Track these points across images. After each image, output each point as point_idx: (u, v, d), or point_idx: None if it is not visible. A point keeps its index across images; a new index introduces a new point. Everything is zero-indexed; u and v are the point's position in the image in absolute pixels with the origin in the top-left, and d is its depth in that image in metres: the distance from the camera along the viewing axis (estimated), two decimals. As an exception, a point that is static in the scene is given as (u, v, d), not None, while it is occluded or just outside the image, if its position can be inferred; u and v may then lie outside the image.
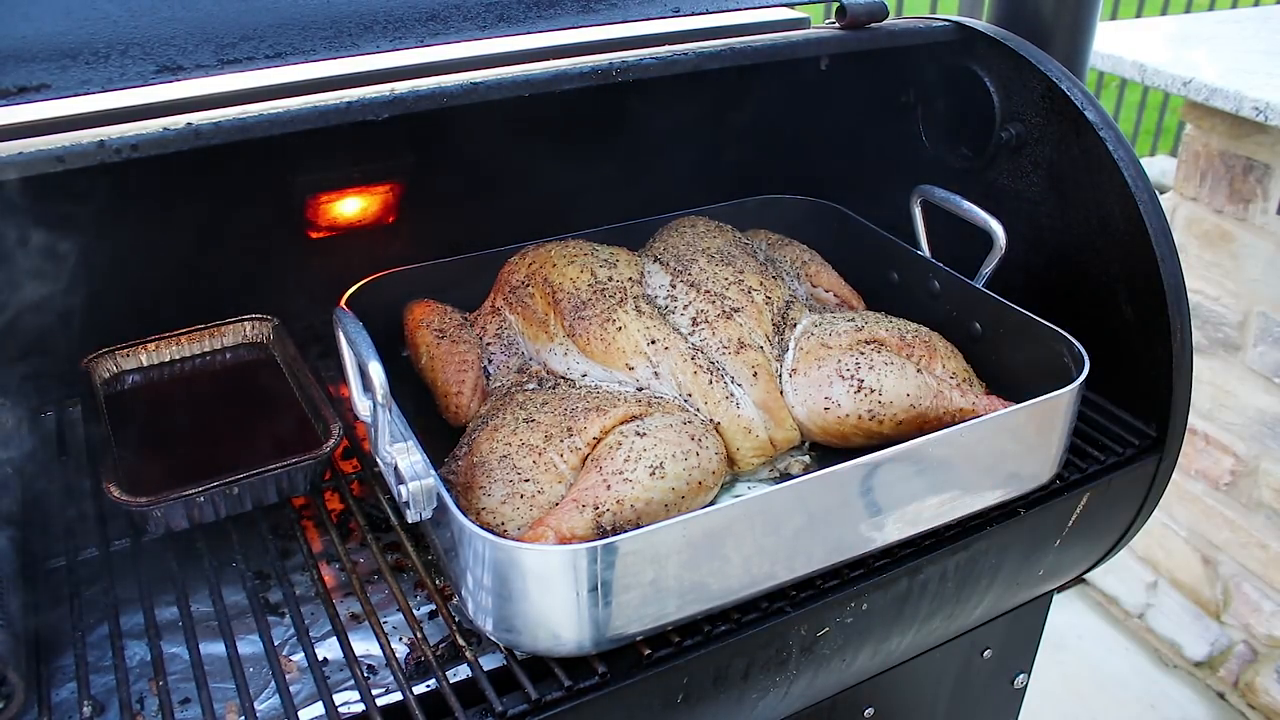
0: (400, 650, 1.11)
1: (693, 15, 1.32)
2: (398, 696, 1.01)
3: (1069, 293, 1.42)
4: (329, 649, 1.10)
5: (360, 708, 1.00)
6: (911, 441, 1.09)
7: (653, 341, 1.29)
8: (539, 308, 1.37)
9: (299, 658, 1.10)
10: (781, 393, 1.30)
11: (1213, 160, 2.61)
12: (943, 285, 1.46)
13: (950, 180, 1.48)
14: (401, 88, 1.08)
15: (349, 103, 1.05)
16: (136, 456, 1.25)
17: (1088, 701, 2.84)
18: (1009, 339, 1.35)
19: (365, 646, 1.10)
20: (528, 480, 1.12)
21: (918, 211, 1.49)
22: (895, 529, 1.14)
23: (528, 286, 1.40)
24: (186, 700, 1.04)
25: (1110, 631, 3.08)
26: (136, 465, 1.23)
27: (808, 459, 1.32)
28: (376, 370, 1.00)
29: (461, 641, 1.07)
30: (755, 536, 1.03)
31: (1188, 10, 5.04)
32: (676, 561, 0.98)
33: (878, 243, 1.57)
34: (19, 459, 1.27)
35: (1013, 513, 1.25)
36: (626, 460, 1.10)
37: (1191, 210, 2.69)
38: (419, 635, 1.08)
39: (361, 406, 1.07)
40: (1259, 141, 2.48)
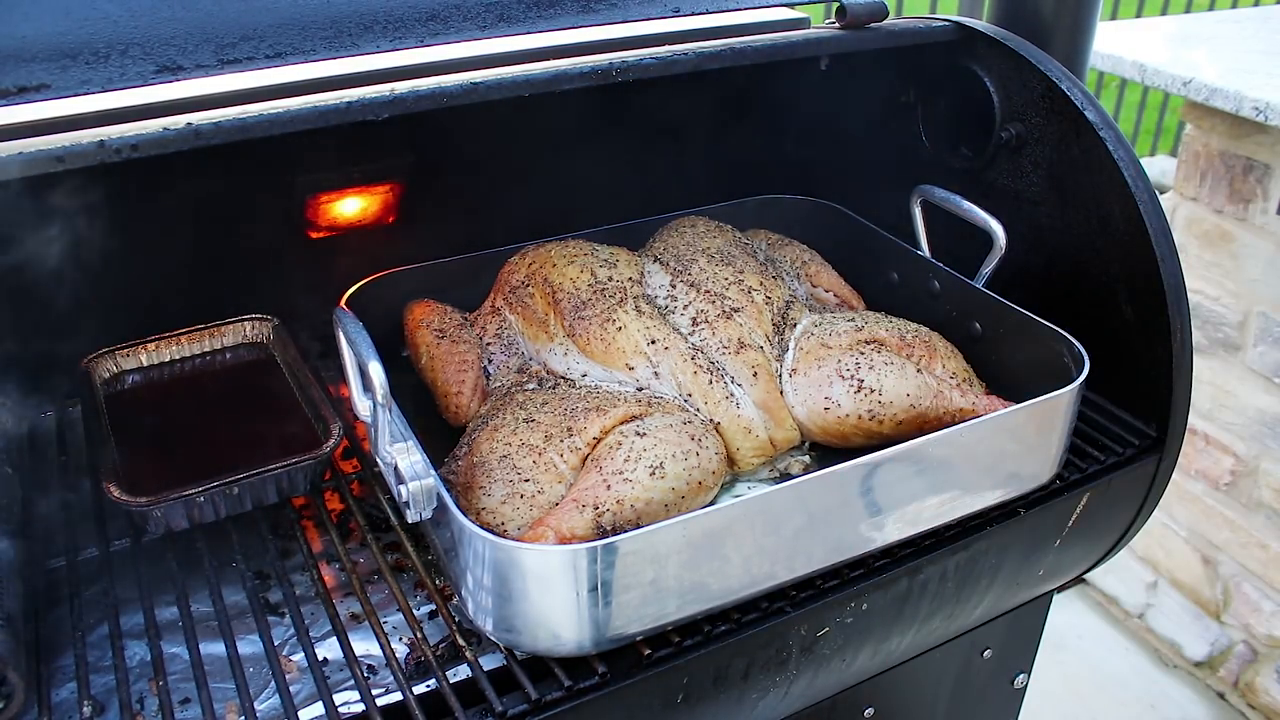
0: (400, 650, 1.11)
1: (693, 15, 1.32)
2: (398, 696, 1.01)
3: (1069, 293, 1.42)
4: (329, 649, 1.10)
5: (360, 708, 1.00)
6: (911, 441, 1.09)
7: (653, 341, 1.29)
8: (539, 308, 1.37)
9: (299, 658, 1.10)
10: (781, 393, 1.30)
11: (1213, 160, 2.61)
12: (943, 285, 1.46)
13: (950, 180, 1.48)
14: (401, 88, 1.08)
15: (349, 103, 1.05)
16: (136, 456, 1.25)
17: (1088, 701, 2.84)
18: (1009, 339, 1.35)
19: (365, 646, 1.10)
20: (528, 480, 1.12)
21: (918, 211, 1.49)
22: (895, 529, 1.14)
23: (528, 286, 1.40)
24: (186, 700, 1.04)
25: (1110, 631, 3.08)
26: (136, 465, 1.23)
27: (808, 459, 1.32)
28: (376, 370, 1.00)
29: (461, 641, 1.07)
30: (755, 536, 1.03)
31: (1188, 10, 5.04)
32: (676, 561, 0.98)
33: (878, 243, 1.57)
34: (19, 459, 1.27)
35: (1013, 513, 1.25)
36: (626, 460, 1.10)
37: (1191, 210, 2.69)
38: (419, 635, 1.08)
39: (361, 406, 1.07)
40: (1259, 141, 2.48)
